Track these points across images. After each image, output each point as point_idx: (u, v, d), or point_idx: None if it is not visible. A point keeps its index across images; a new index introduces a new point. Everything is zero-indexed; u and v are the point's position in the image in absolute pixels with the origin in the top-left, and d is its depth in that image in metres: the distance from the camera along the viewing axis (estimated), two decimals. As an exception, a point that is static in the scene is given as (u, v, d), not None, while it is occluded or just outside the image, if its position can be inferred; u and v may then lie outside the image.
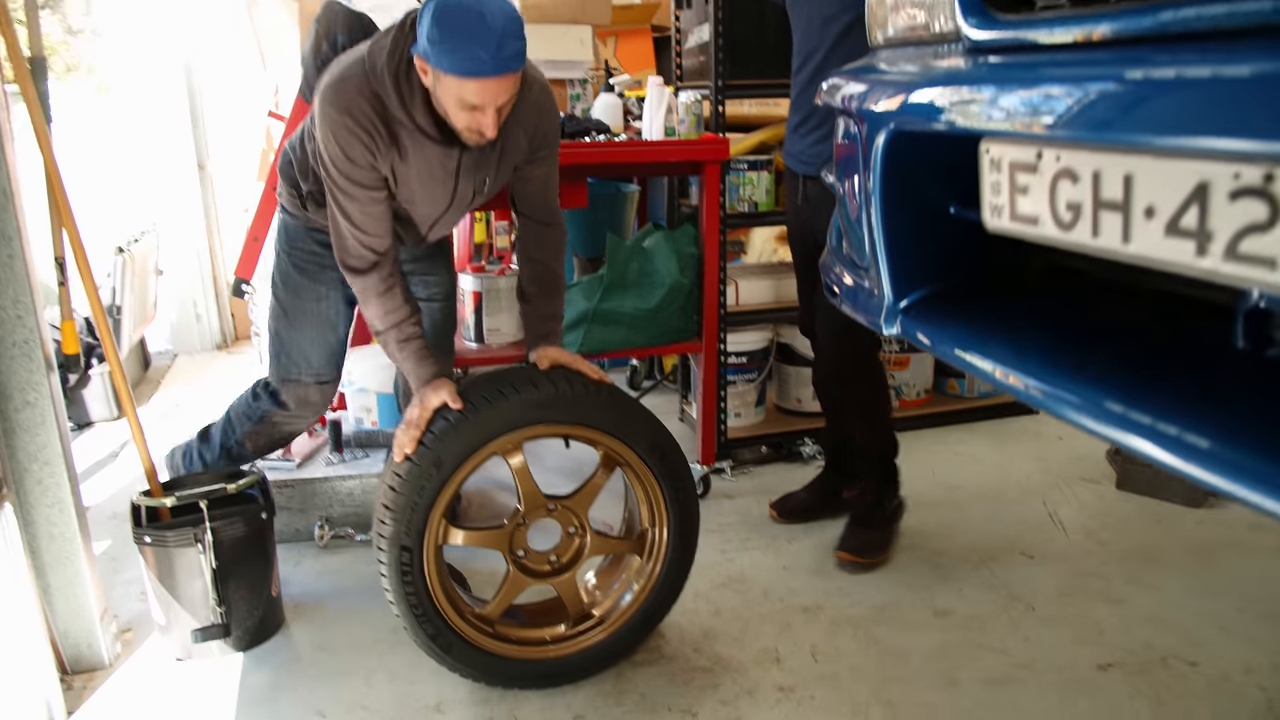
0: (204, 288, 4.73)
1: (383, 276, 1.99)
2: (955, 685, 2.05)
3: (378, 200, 1.95)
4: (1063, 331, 1.01)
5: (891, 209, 1.12)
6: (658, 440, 2.05)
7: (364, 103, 1.84)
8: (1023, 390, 0.98)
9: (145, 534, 2.09)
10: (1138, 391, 0.82)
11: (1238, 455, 0.73)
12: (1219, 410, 0.78)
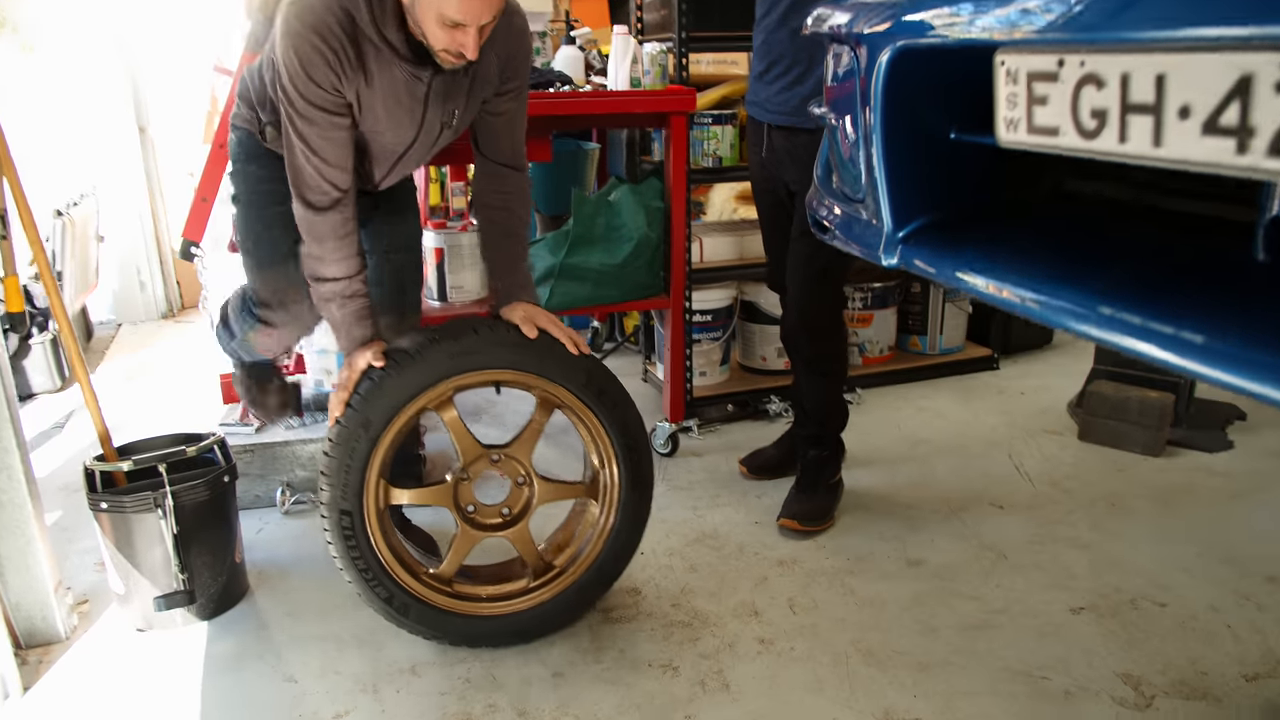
0: (148, 254, 4.57)
1: (344, 217, 1.85)
2: (933, 633, 2.06)
3: (340, 127, 1.81)
4: (1070, 251, 0.99)
5: (893, 135, 1.09)
6: (594, 377, 2.00)
7: (332, 18, 1.71)
8: (1021, 304, 0.96)
9: (102, 500, 2.00)
10: (1149, 300, 0.80)
11: (1246, 350, 0.72)
12: (1239, 314, 0.77)
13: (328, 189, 1.84)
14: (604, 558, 2.08)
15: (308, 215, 1.85)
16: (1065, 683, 1.89)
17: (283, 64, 1.77)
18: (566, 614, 2.08)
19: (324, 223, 1.84)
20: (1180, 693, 1.85)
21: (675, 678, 1.93)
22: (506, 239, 2.08)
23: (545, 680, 1.93)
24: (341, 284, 1.89)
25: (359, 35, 1.75)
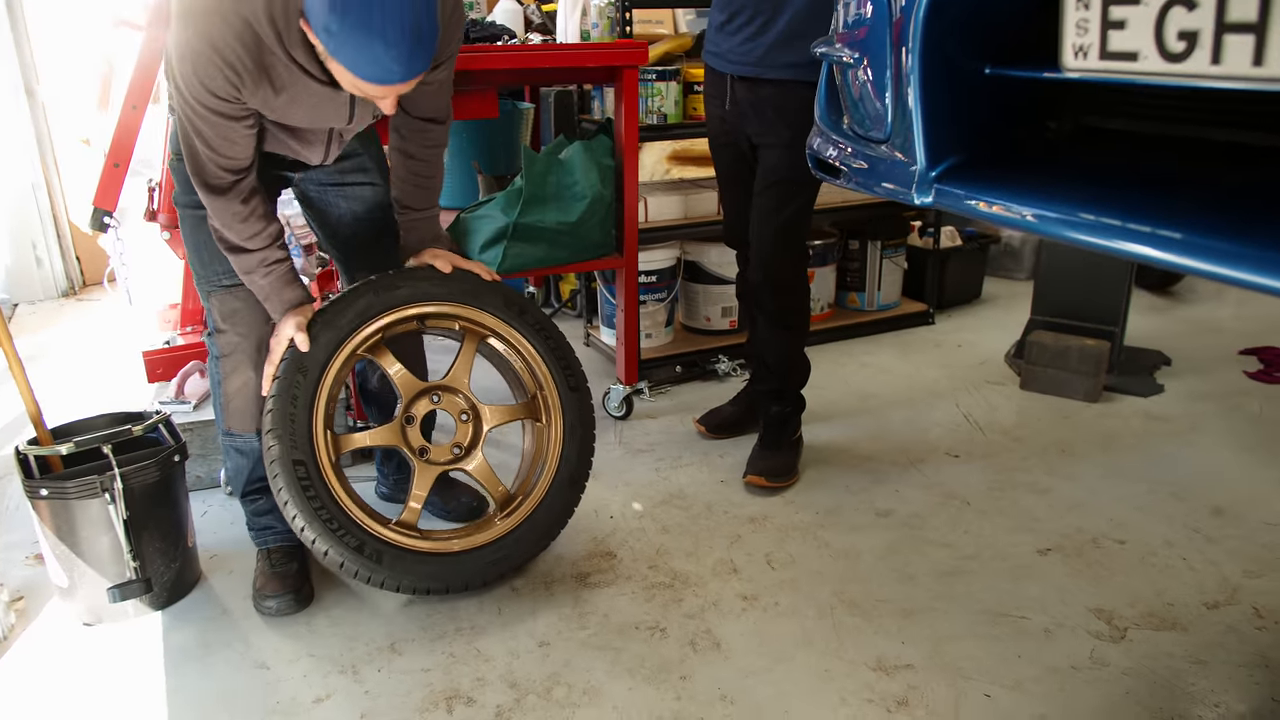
0: (44, 228, 4.27)
1: (242, 196, 1.77)
2: (911, 580, 2.08)
3: (239, 126, 1.70)
4: (1109, 181, 0.98)
5: (930, 74, 1.06)
6: (511, 299, 2.09)
7: (231, 34, 1.56)
8: (1060, 233, 0.95)
9: (41, 486, 1.85)
10: (1240, 229, 0.80)
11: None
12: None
13: (224, 175, 1.74)
14: (564, 463, 2.08)
15: (209, 198, 1.76)
16: (1043, 621, 1.94)
17: (177, 66, 1.63)
18: (545, 529, 2.05)
19: (225, 202, 1.76)
20: (1150, 624, 1.92)
21: (664, 639, 1.91)
22: (422, 190, 2.05)
23: (532, 651, 1.88)
24: (258, 253, 1.83)
25: (263, 51, 1.60)
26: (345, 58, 1.51)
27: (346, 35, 1.47)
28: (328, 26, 1.48)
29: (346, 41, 1.48)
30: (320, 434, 1.88)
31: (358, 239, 2.11)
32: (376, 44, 1.47)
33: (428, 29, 1.52)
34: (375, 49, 1.47)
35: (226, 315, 1.96)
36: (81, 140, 4.42)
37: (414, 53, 1.50)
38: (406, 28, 1.47)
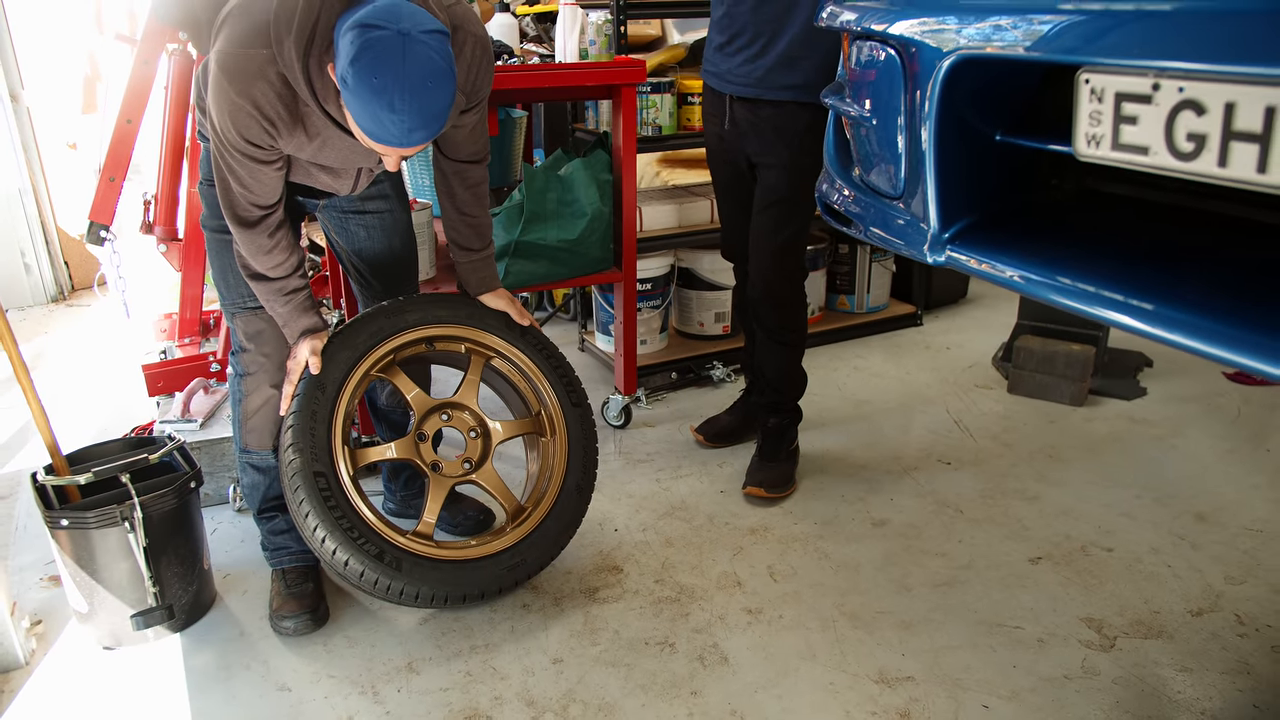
0: (31, 234, 4.25)
1: (269, 230, 1.83)
2: (909, 592, 2.16)
3: (271, 168, 1.76)
4: (1108, 250, 1.04)
5: (944, 140, 1.11)
6: (509, 320, 2.17)
7: (268, 87, 1.62)
8: (1076, 306, 1.01)
9: (61, 517, 1.88)
10: (1247, 316, 0.86)
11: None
12: None
13: (254, 210, 1.81)
14: (570, 473, 2.14)
15: (237, 230, 1.83)
16: (1037, 630, 2.01)
17: (214, 116, 1.69)
18: (555, 536, 2.10)
19: (253, 235, 1.83)
20: (1138, 632, 2.00)
21: (673, 654, 1.97)
22: (472, 230, 2.11)
23: (547, 668, 1.94)
24: (278, 282, 1.89)
25: (298, 103, 1.66)
26: (353, 109, 1.55)
27: (357, 89, 1.51)
28: (344, 77, 1.52)
29: (356, 95, 1.52)
30: (339, 447, 1.94)
31: (376, 263, 2.15)
32: (383, 107, 1.51)
33: (438, 108, 1.55)
34: (380, 111, 1.51)
35: (251, 336, 2.01)
36: (68, 145, 4.41)
37: (416, 126, 1.54)
38: (416, 101, 1.51)
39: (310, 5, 1.58)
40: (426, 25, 1.54)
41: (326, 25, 1.58)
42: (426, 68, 1.51)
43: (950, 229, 1.16)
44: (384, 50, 1.48)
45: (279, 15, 1.60)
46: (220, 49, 1.64)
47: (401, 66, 1.49)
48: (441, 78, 1.54)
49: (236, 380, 2.03)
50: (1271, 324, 0.85)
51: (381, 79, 1.49)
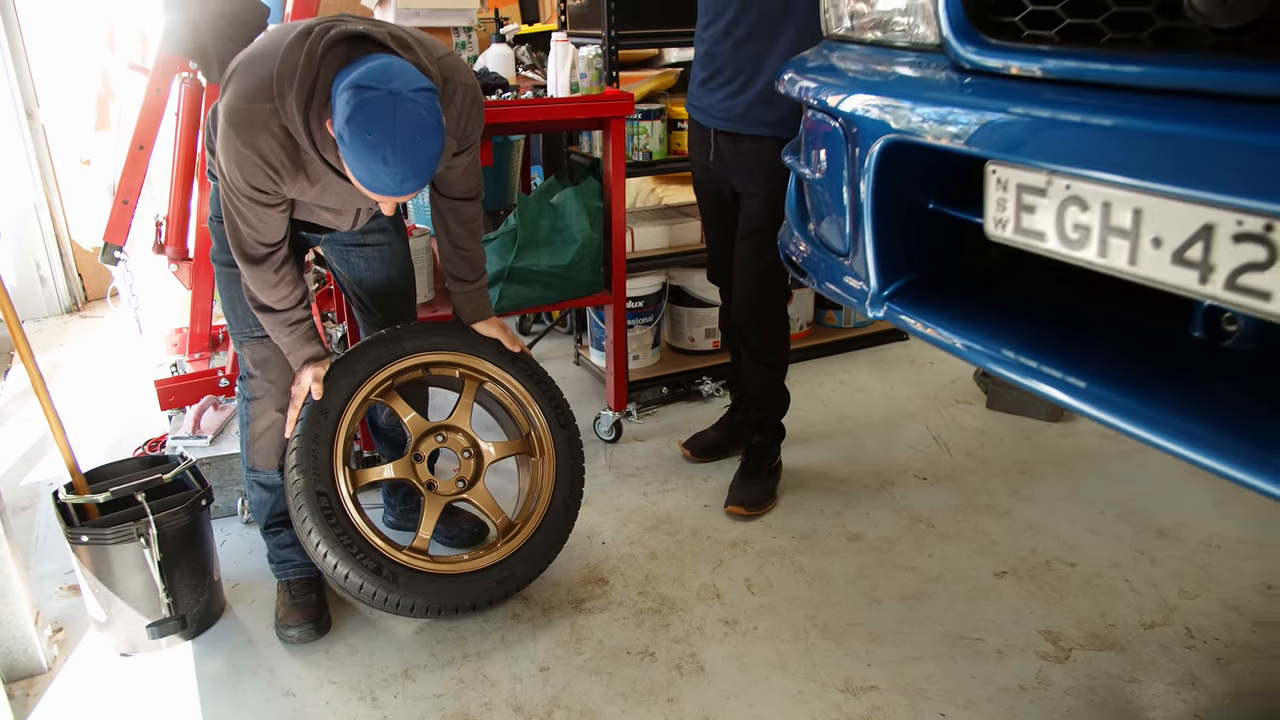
0: (46, 247, 4.39)
1: (275, 266, 1.97)
2: (878, 604, 2.28)
3: (276, 210, 1.90)
4: (1031, 315, 1.16)
5: (881, 208, 1.24)
6: (501, 346, 2.30)
7: (271, 139, 1.76)
8: (1000, 369, 1.13)
9: (81, 534, 2.02)
10: (1136, 383, 0.98)
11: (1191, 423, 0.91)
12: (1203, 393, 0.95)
13: (260, 248, 1.94)
14: (558, 491, 2.27)
15: (244, 265, 1.96)
16: (996, 642, 2.14)
17: (222, 163, 1.83)
18: (543, 551, 2.23)
19: (260, 270, 1.96)
20: (1093, 644, 2.12)
21: (653, 663, 2.10)
22: (466, 263, 2.23)
23: (534, 675, 2.07)
24: (283, 314, 2.03)
25: (300, 152, 1.80)
26: (350, 163, 1.68)
27: (353, 145, 1.64)
28: (341, 134, 1.64)
29: (352, 151, 1.64)
30: (340, 468, 2.07)
31: (376, 291, 2.28)
32: (377, 161, 1.63)
33: (428, 160, 1.67)
34: (375, 165, 1.64)
35: (258, 363, 2.14)
36: (82, 161, 4.55)
37: (408, 177, 1.66)
38: (407, 155, 1.64)
39: (310, 63, 1.70)
40: (416, 84, 1.66)
41: (325, 81, 1.71)
42: (416, 125, 1.64)
43: (889, 287, 1.28)
44: (376, 109, 1.61)
45: (281, 72, 1.73)
46: (228, 102, 1.77)
47: (393, 124, 1.62)
48: (430, 133, 1.66)
49: (244, 404, 2.17)
50: (1163, 397, 0.97)
51: (375, 136, 1.61)
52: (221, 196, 1.91)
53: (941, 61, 1.17)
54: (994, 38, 1.09)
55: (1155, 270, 0.89)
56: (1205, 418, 0.93)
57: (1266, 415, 0.90)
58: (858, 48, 1.37)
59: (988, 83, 1.08)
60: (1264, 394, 0.94)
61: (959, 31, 1.13)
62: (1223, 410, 0.94)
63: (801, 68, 1.47)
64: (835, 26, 1.46)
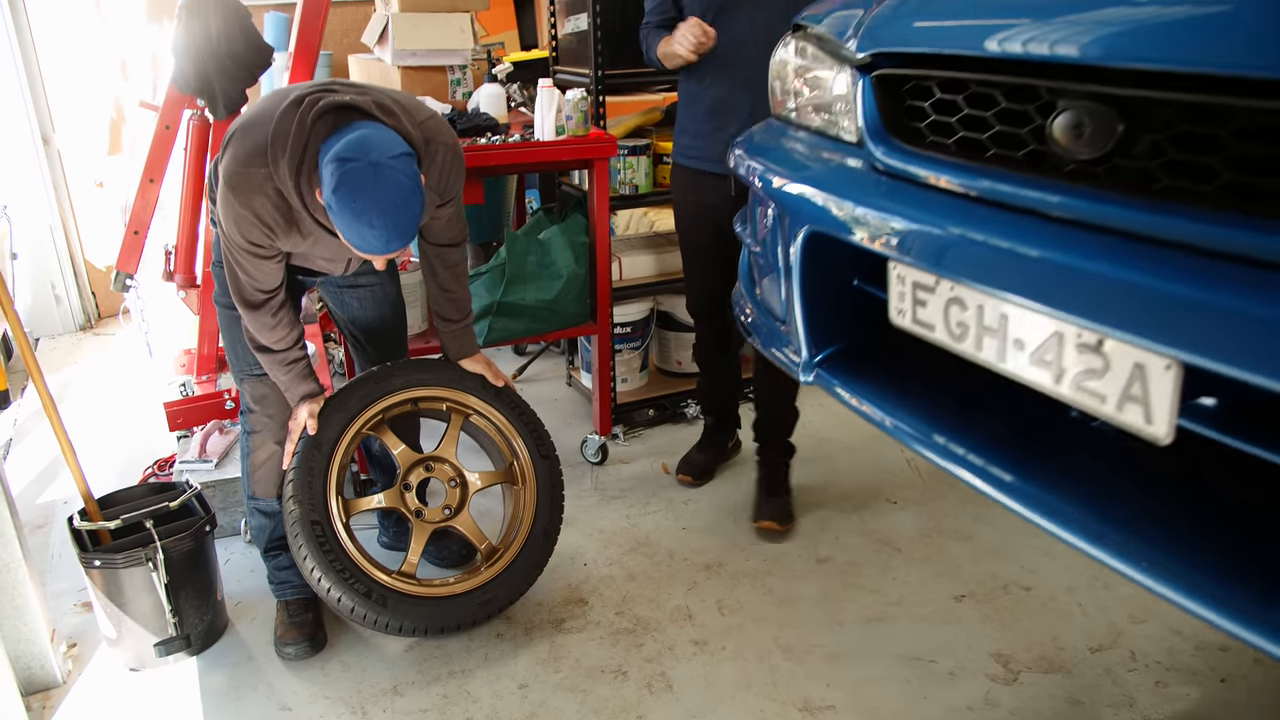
0: (61, 268, 4.57)
1: (273, 310, 2.12)
2: (840, 626, 2.42)
3: (275, 263, 2.05)
4: (938, 392, 1.29)
5: (808, 285, 1.37)
6: (486, 381, 2.43)
7: (266, 200, 1.91)
8: (910, 438, 1.26)
9: (94, 558, 2.17)
10: (1024, 461, 1.11)
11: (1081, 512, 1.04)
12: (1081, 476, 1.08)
13: (259, 294, 2.09)
14: (538, 519, 2.40)
15: (245, 310, 2.11)
16: (950, 664, 2.27)
17: (221, 219, 1.99)
18: (524, 575, 2.37)
19: (259, 314, 2.11)
20: (1041, 667, 2.25)
21: (625, 681, 2.24)
22: (451, 304, 2.38)
23: (514, 692, 2.21)
24: (280, 354, 2.18)
25: (292, 212, 1.95)
26: (339, 227, 1.83)
27: (341, 213, 1.79)
28: (329, 203, 1.80)
29: (340, 217, 1.80)
30: (333, 498, 2.22)
31: (369, 329, 2.44)
32: (363, 225, 1.78)
33: (409, 220, 1.82)
34: (362, 228, 1.79)
35: (257, 399, 2.29)
36: (95, 184, 4.71)
37: (392, 238, 1.81)
38: (390, 218, 1.78)
39: (301, 133, 1.86)
40: (393, 151, 1.82)
41: (314, 149, 1.86)
42: (397, 191, 1.79)
43: (818, 355, 1.41)
44: (359, 180, 1.76)
45: (275, 139, 1.88)
46: (227, 166, 1.93)
47: (375, 191, 1.77)
48: (409, 196, 1.82)
49: (245, 437, 2.32)
50: (1044, 478, 1.10)
51: (359, 203, 1.76)
52: (222, 248, 2.06)
53: (862, 159, 1.30)
54: (905, 143, 1.23)
55: (1019, 368, 1.03)
56: (1107, 516, 1.04)
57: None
58: (796, 131, 1.51)
59: (896, 186, 1.21)
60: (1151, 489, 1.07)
61: (874, 133, 1.26)
62: (1128, 511, 1.05)
63: (749, 145, 1.61)
64: (780, 105, 1.60)
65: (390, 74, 3.31)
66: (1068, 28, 1.00)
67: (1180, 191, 0.92)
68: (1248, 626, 0.87)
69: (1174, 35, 0.90)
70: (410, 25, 3.19)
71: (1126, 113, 0.96)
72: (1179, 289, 0.84)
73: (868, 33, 1.28)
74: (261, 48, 3.05)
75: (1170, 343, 0.84)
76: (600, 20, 3.08)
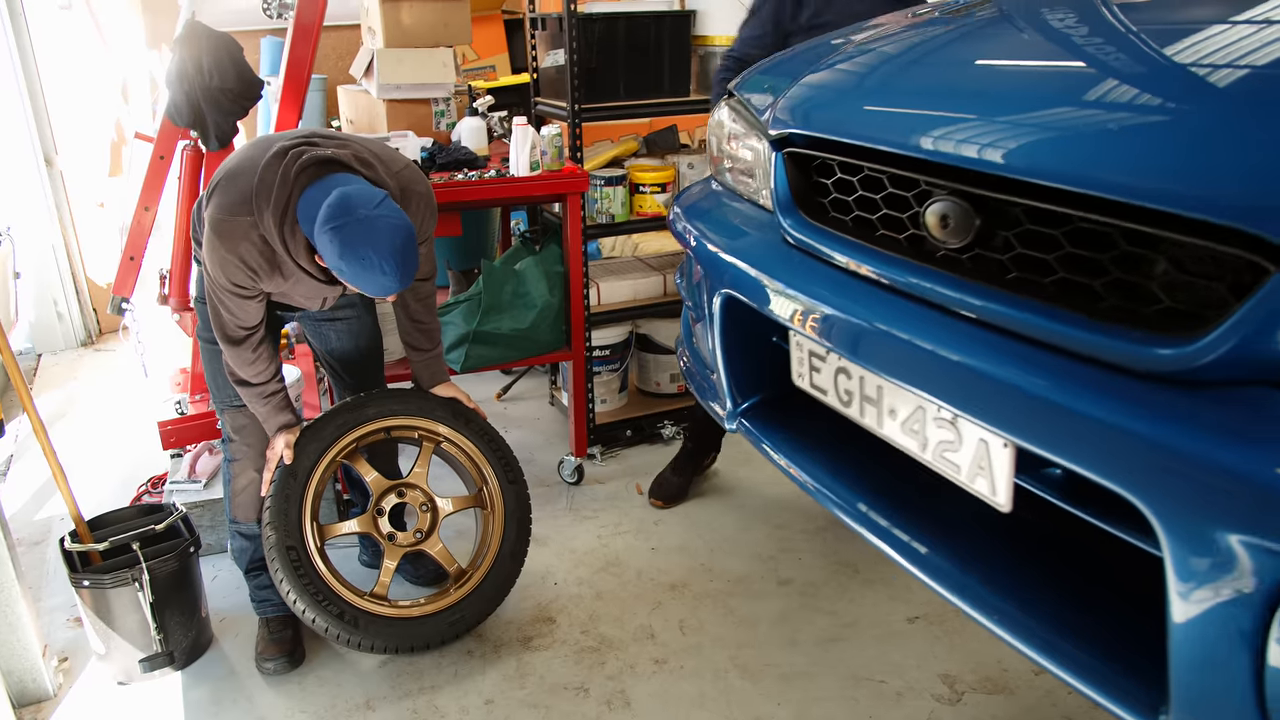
0: (63, 286, 4.71)
1: (254, 346, 2.24)
2: (795, 646, 2.53)
3: (254, 303, 2.17)
4: (842, 450, 1.41)
5: (729, 342, 1.49)
6: (457, 409, 2.55)
7: (250, 246, 2.04)
8: (815, 493, 1.37)
9: (83, 579, 2.30)
10: (912, 518, 1.23)
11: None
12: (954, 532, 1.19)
13: (241, 331, 2.21)
14: (505, 541, 2.52)
15: (227, 346, 2.23)
16: (898, 685, 2.38)
17: (207, 262, 2.12)
18: (491, 596, 2.49)
19: (240, 350, 2.23)
20: (985, 688, 2.36)
21: (586, 699, 2.35)
22: (423, 334, 2.51)
23: (480, 708, 2.33)
24: (259, 387, 2.30)
25: (275, 256, 2.07)
26: (356, 283, 1.98)
27: (355, 271, 1.93)
28: (340, 267, 1.94)
29: (356, 278, 1.95)
30: (308, 525, 2.34)
31: (346, 360, 2.56)
32: (376, 274, 1.93)
33: (412, 253, 1.97)
34: (376, 276, 1.94)
35: (237, 429, 2.42)
36: (97, 204, 4.86)
37: (405, 275, 1.96)
38: (398, 259, 1.93)
39: (285, 184, 1.99)
40: (374, 200, 1.95)
41: (296, 199, 1.99)
42: (393, 234, 1.93)
43: (740, 405, 1.53)
44: (357, 237, 1.90)
45: (259, 190, 2.01)
46: (212, 214, 2.05)
47: (375, 241, 1.91)
48: (405, 232, 1.96)
49: (226, 464, 2.44)
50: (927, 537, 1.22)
51: (366, 257, 1.90)
52: (206, 288, 2.19)
53: (775, 228, 1.42)
54: (810, 217, 1.34)
55: (894, 435, 1.14)
56: (1012, 597, 1.15)
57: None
58: (725, 193, 1.62)
59: (799, 259, 1.33)
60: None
61: (783, 206, 1.38)
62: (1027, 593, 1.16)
63: (684, 204, 1.73)
64: (716, 163, 1.72)
65: (376, 106, 3.43)
66: (939, 128, 1.11)
67: (1024, 284, 1.03)
68: (1087, 682, 0.98)
69: (1016, 146, 1.01)
70: (395, 60, 3.31)
71: (984, 209, 1.07)
72: (1008, 376, 0.95)
73: (780, 111, 1.39)
74: (253, 81, 3.17)
75: (1000, 425, 0.95)
76: (578, 56, 3.19)
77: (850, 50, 1.40)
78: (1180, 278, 0.91)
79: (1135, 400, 0.86)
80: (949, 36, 1.29)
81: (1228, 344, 0.83)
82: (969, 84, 1.17)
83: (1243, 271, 0.84)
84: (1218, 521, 0.80)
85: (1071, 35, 1.16)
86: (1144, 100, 0.95)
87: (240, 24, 4.19)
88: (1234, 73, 0.92)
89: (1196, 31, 1.02)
